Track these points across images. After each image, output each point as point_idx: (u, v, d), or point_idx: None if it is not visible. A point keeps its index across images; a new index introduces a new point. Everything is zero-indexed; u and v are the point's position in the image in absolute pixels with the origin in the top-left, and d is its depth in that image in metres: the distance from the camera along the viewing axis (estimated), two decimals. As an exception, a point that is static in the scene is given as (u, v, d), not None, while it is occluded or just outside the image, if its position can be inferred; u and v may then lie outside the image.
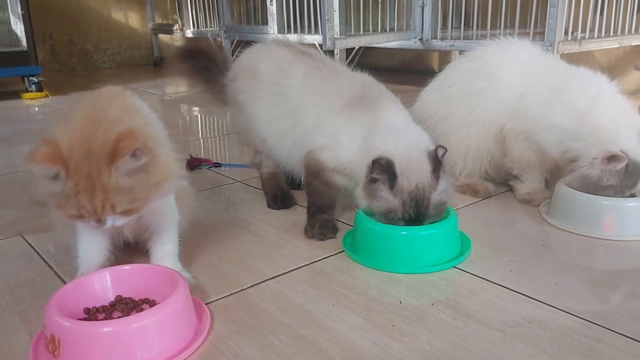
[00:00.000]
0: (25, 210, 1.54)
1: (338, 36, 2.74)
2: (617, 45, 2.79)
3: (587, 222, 1.40)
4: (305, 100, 1.40)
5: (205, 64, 1.65)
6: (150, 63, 5.24)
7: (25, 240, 1.41)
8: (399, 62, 4.34)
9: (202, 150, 2.30)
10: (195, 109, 3.31)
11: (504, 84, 1.60)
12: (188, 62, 1.65)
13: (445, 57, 4.04)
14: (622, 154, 1.36)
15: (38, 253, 1.34)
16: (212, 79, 1.65)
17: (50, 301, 0.93)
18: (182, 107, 3.42)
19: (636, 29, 2.90)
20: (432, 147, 1.26)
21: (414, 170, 1.22)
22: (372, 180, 1.23)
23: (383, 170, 1.21)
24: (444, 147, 1.25)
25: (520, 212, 1.57)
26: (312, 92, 1.40)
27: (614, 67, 3.35)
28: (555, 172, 1.63)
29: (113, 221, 0.92)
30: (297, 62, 1.47)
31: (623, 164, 1.37)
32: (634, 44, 2.90)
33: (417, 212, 1.22)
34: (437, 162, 1.24)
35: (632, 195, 1.44)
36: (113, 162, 0.87)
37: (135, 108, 0.99)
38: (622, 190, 1.41)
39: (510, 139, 1.61)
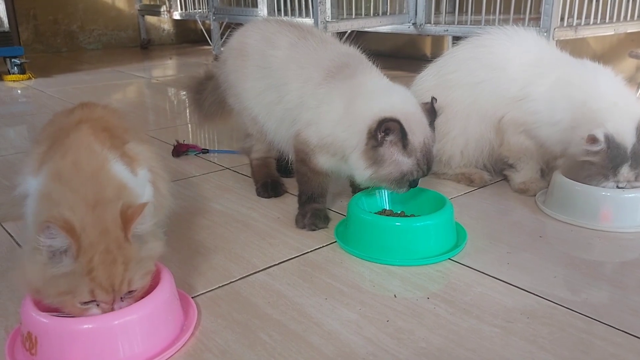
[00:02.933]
0: (4, 196, 1.48)
1: (330, 19, 2.68)
2: (613, 32, 2.75)
3: (585, 213, 1.36)
4: (288, 72, 1.36)
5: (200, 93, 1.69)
6: (137, 45, 5.14)
7: (4, 228, 1.36)
8: (391, 47, 4.28)
9: (189, 135, 2.24)
10: (183, 92, 3.23)
11: (509, 77, 1.55)
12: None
13: (438, 43, 3.99)
14: (599, 137, 1.32)
15: (17, 242, 1.29)
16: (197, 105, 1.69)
17: (27, 295, 0.88)
18: (169, 90, 3.34)
19: (632, 16, 2.86)
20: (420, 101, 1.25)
21: (417, 125, 1.19)
22: (377, 145, 1.16)
23: (395, 130, 1.14)
24: (435, 98, 1.24)
25: (515, 201, 1.53)
26: (294, 63, 1.36)
27: (608, 55, 3.32)
28: (551, 162, 1.60)
29: (119, 306, 0.85)
30: (284, 32, 1.42)
31: (599, 147, 1.33)
32: (629, 30, 2.86)
33: (427, 168, 1.20)
34: (433, 114, 1.23)
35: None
36: (128, 227, 0.83)
37: (124, 185, 0.92)
38: (605, 174, 1.35)
39: (509, 130, 1.56)
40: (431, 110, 1.23)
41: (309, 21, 3.07)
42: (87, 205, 0.84)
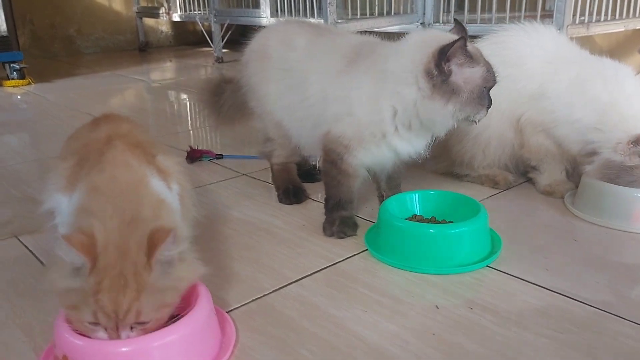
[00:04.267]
0: (18, 208, 1.43)
1: (338, 20, 2.64)
2: (623, 29, 2.72)
3: (617, 214, 1.33)
4: (307, 69, 1.32)
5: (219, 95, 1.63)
6: (135, 48, 5.07)
7: (21, 242, 1.31)
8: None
9: (192, 142, 2.17)
10: (184, 96, 3.18)
11: (526, 74, 1.52)
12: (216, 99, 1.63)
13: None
14: None
15: (36, 256, 1.24)
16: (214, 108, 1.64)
17: (59, 315, 0.84)
18: (170, 94, 3.28)
19: (640, 12, 2.84)
20: None
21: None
22: (446, 77, 1.12)
23: (458, 50, 1.10)
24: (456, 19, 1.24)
25: (543, 203, 1.50)
26: (312, 58, 1.32)
27: (614, 51, 3.30)
28: (575, 162, 1.56)
29: (127, 335, 0.79)
30: (302, 33, 1.39)
31: None
32: (638, 27, 2.84)
33: (495, 71, 1.19)
34: (464, 31, 1.20)
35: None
36: (152, 252, 0.77)
37: (163, 201, 0.89)
38: None
39: (528, 130, 1.53)
40: (460, 29, 1.21)
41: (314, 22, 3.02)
42: (122, 221, 0.80)
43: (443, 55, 1.10)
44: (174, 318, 0.85)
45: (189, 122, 2.60)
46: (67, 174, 0.95)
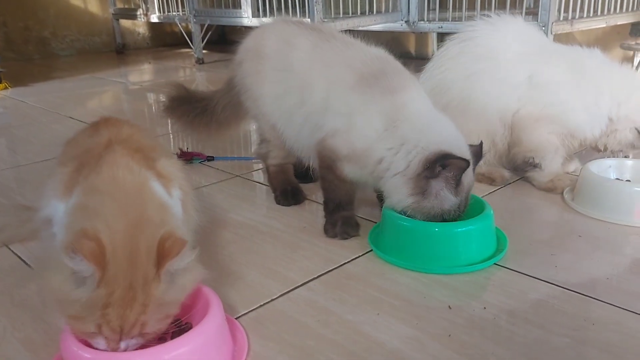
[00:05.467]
0: (6, 216, 1.38)
1: (324, 19, 2.62)
2: (604, 25, 2.75)
3: (619, 209, 1.33)
4: (312, 73, 1.28)
5: (188, 107, 1.60)
6: (112, 50, 4.98)
7: (12, 251, 1.25)
8: (375, 44, 4.24)
9: (172, 144, 2.11)
10: (164, 98, 3.10)
11: (503, 65, 1.52)
12: (178, 113, 1.63)
13: (422, 40, 3.96)
14: None
15: (29, 265, 1.19)
16: (204, 115, 1.59)
17: (65, 328, 0.80)
18: (149, 96, 3.21)
19: (621, 8, 2.87)
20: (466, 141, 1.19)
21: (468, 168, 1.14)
22: (431, 177, 1.11)
23: (458, 169, 1.09)
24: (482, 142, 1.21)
25: (542, 199, 1.49)
26: (319, 63, 1.28)
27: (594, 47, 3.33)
28: (572, 151, 1.57)
29: (127, 345, 0.76)
30: (305, 34, 1.35)
31: None
32: (619, 23, 2.87)
33: (463, 211, 1.16)
34: (478, 158, 1.19)
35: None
36: (163, 264, 0.74)
37: (166, 205, 0.87)
38: None
39: (528, 126, 1.52)
40: (478, 154, 1.19)
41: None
42: (128, 223, 0.77)
43: (441, 159, 1.09)
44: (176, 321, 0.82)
45: (169, 124, 2.54)
46: (65, 179, 0.91)
